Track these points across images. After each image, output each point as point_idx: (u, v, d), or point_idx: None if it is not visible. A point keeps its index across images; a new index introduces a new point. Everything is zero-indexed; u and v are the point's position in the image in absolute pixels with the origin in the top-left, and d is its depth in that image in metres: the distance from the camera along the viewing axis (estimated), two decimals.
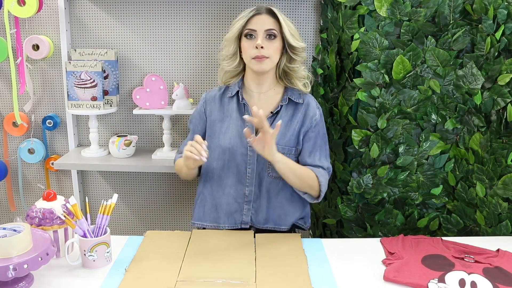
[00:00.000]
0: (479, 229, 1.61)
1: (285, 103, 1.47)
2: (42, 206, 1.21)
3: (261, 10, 1.41)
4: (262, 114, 1.28)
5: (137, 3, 2.04)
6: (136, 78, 2.13)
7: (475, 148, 1.61)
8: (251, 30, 1.39)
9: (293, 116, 1.47)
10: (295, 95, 1.48)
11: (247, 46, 1.40)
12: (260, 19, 1.40)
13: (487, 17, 1.52)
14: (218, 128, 1.48)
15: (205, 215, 1.53)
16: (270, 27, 1.39)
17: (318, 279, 1.15)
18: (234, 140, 1.45)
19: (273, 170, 1.44)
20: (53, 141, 2.22)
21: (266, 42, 1.39)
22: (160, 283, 1.10)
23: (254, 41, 1.39)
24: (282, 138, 1.45)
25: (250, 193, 1.47)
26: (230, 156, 1.45)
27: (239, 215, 1.49)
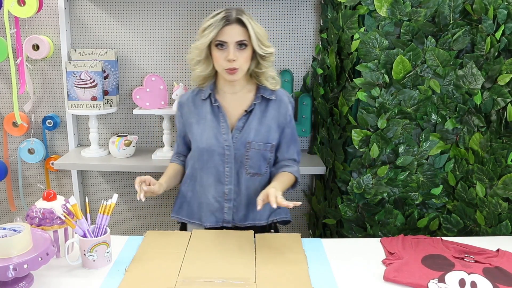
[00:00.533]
0: (479, 229, 1.61)
1: (258, 101, 1.50)
2: (42, 206, 1.21)
3: (231, 19, 1.38)
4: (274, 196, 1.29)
5: (137, 3, 2.04)
6: (136, 78, 2.13)
7: (475, 148, 1.61)
8: (222, 42, 1.40)
9: (267, 112, 1.51)
10: (267, 92, 1.52)
11: (218, 56, 1.41)
12: (231, 30, 1.38)
13: (487, 17, 1.52)
14: (195, 130, 1.51)
15: (188, 214, 1.57)
16: (241, 38, 1.39)
17: (318, 279, 1.15)
18: (211, 141, 1.48)
19: (251, 167, 1.50)
20: (53, 141, 2.22)
21: (237, 53, 1.40)
22: (160, 283, 1.10)
23: (225, 52, 1.40)
24: (257, 134, 1.48)
25: (229, 191, 1.51)
26: (208, 156, 1.49)
27: (220, 214, 1.53)
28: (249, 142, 1.47)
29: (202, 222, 1.54)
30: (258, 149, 1.49)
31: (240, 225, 1.54)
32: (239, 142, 1.47)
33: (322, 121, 2.04)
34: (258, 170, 1.52)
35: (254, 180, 1.52)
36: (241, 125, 1.49)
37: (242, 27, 1.39)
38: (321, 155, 2.07)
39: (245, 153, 1.48)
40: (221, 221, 1.53)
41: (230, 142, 1.47)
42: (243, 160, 1.49)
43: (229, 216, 1.52)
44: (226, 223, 1.53)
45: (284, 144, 1.55)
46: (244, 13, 1.40)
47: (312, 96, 2.08)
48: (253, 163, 1.50)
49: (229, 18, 1.38)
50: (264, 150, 1.50)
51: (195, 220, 1.56)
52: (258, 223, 1.55)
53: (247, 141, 1.47)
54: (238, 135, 1.48)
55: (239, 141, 1.47)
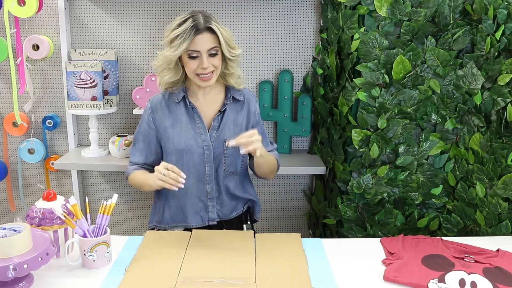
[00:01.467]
0: (479, 229, 1.61)
1: (230, 102, 1.53)
2: (42, 206, 1.21)
3: (200, 27, 1.37)
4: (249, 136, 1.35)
5: (137, 3, 2.04)
6: (136, 78, 2.13)
7: (475, 148, 1.61)
8: (194, 51, 1.39)
9: (238, 113, 1.55)
10: (236, 93, 1.55)
11: (191, 65, 1.41)
12: (202, 39, 1.38)
13: (487, 17, 1.52)
14: (171, 133, 1.51)
15: (172, 218, 1.57)
16: (212, 45, 1.40)
17: (318, 279, 1.15)
18: (189, 142, 1.49)
19: (229, 166, 1.54)
20: (53, 141, 2.22)
21: (210, 59, 1.41)
22: (160, 283, 1.10)
23: (197, 60, 1.40)
24: (233, 134, 1.50)
25: (211, 190, 1.53)
26: (188, 157, 1.50)
27: (205, 213, 1.55)
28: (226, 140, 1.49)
29: (187, 223, 1.55)
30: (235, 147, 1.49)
31: (225, 219, 1.57)
32: (217, 141, 1.50)
33: (322, 121, 2.04)
34: (235, 168, 1.56)
35: (231, 179, 1.57)
36: (217, 125, 1.52)
37: (211, 34, 1.39)
38: (321, 155, 2.07)
39: (223, 152, 1.51)
40: (206, 220, 1.55)
41: (209, 141, 1.50)
42: (221, 158, 1.52)
43: (213, 214, 1.55)
44: (211, 221, 1.55)
45: None
46: (211, 19, 1.40)
47: (312, 96, 2.08)
48: (230, 162, 1.53)
49: (199, 27, 1.37)
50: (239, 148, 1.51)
51: (179, 223, 1.56)
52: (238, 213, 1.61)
53: (224, 140, 1.50)
54: (215, 134, 1.51)
55: (217, 140, 1.50)
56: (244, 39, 2.09)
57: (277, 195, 2.30)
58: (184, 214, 1.55)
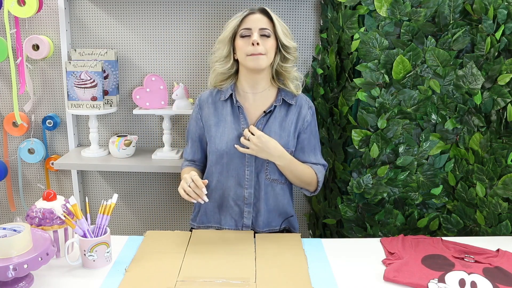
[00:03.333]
0: (479, 229, 1.61)
1: (279, 104, 1.48)
2: (42, 206, 1.21)
3: (255, 9, 1.43)
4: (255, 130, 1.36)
5: (137, 3, 2.04)
6: (136, 78, 2.13)
7: (475, 148, 1.61)
8: (246, 30, 1.40)
9: (287, 117, 1.48)
10: (289, 96, 1.49)
11: (242, 44, 1.41)
12: (254, 18, 1.41)
13: (487, 17, 1.52)
14: (214, 132, 1.47)
15: (209, 217, 1.54)
16: (264, 26, 1.40)
17: (318, 279, 1.15)
18: (231, 144, 1.44)
19: (271, 172, 1.47)
20: (53, 141, 2.22)
21: (262, 40, 1.40)
22: (160, 283, 1.10)
23: (249, 39, 1.40)
24: (279, 139, 1.45)
25: (249, 195, 1.48)
26: (228, 159, 1.45)
27: (240, 218, 1.50)
28: None
29: (221, 225, 1.51)
30: None
31: (258, 230, 1.50)
32: None
33: (322, 121, 2.04)
34: (278, 176, 1.49)
35: (274, 187, 1.49)
36: (261, 127, 1.45)
37: (265, 17, 1.41)
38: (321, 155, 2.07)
39: None
40: (240, 225, 1.50)
41: None
42: (263, 163, 1.46)
43: (248, 220, 1.49)
44: (245, 227, 1.50)
45: (300, 150, 1.51)
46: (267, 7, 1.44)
47: (312, 96, 2.08)
48: (272, 168, 1.46)
49: (253, 9, 1.42)
50: None
51: (213, 224, 1.53)
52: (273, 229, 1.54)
53: None
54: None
55: None
56: None
57: None
58: (220, 216, 1.51)
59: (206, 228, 1.54)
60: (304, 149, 1.52)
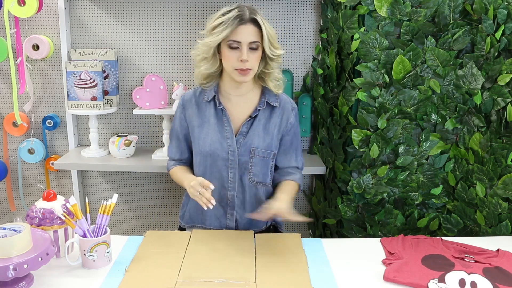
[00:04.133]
0: (479, 229, 1.61)
1: (263, 107, 1.46)
2: (42, 206, 1.21)
3: (245, 18, 1.32)
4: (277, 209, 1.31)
5: (137, 3, 2.04)
6: (136, 78, 2.13)
7: (475, 148, 1.61)
8: (235, 42, 1.33)
9: (270, 119, 1.47)
10: (272, 98, 1.47)
11: (230, 56, 1.35)
12: (245, 29, 1.33)
13: (487, 17, 1.52)
14: (197, 133, 1.46)
15: (193, 217, 1.55)
16: (254, 39, 1.34)
17: (318, 279, 1.15)
18: (214, 146, 1.44)
19: (255, 175, 1.47)
20: (53, 141, 2.22)
21: (250, 54, 1.35)
22: (160, 283, 1.10)
23: (237, 52, 1.34)
24: (262, 142, 1.45)
25: (232, 197, 1.48)
26: (211, 161, 1.45)
27: (224, 219, 1.51)
28: (254, 148, 1.44)
29: (205, 226, 1.52)
30: (262, 156, 1.46)
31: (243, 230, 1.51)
32: (243, 148, 1.44)
33: (322, 121, 2.04)
34: (263, 179, 1.49)
35: (258, 189, 1.49)
36: (245, 130, 1.45)
37: (255, 27, 1.34)
38: (321, 155, 2.07)
39: (249, 160, 1.45)
40: (224, 226, 1.51)
41: (235, 147, 1.43)
42: (247, 166, 1.45)
43: (231, 222, 1.50)
44: (229, 228, 1.51)
45: (283, 151, 1.52)
46: (257, 13, 1.36)
47: (312, 96, 2.08)
48: (256, 171, 1.47)
49: (243, 17, 1.32)
50: (267, 158, 1.47)
51: (197, 224, 1.54)
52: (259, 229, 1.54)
53: (252, 147, 1.44)
54: (242, 140, 1.44)
55: (243, 146, 1.44)
56: None
57: None
58: (204, 216, 1.51)
59: (191, 227, 1.55)
60: (287, 151, 1.52)
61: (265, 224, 1.55)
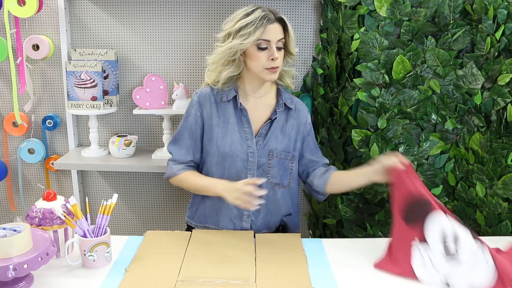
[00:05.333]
0: (479, 229, 1.61)
1: (282, 109, 1.47)
2: (42, 206, 1.21)
3: (272, 17, 1.35)
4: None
5: (137, 3, 2.04)
6: (136, 78, 2.13)
7: (475, 148, 1.61)
8: (265, 41, 1.35)
9: (287, 122, 1.49)
10: (288, 100, 1.49)
11: (260, 56, 1.36)
12: (274, 29, 1.36)
13: (487, 17, 1.52)
14: (216, 133, 1.44)
15: (206, 218, 1.53)
16: (282, 37, 1.38)
17: (318, 279, 1.15)
18: (234, 146, 1.43)
19: (273, 177, 1.46)
20: (53, 141, 2.22)
21: (278, 53, 1.38)
22: (160, 283, 1.10)
23: (266, 52, 1.36)
24: (280, 143, 1.46)
25: None
26: (230, 162, 1.44)
27: (239, 221, 1.48)
28: (272, 150, 1.44)
29: (219, 227, 1.50)
30: (280, 158, 1.46)
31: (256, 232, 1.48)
32: (262, 150, 1.44)
33: (322, 121, 2.04)
34: (280, 180, 1.48)
35: (275, 191, 1.49)
36: (264, 132, 1.45)
37: (280, 25, 1.38)
38: None
39: (268, 161, 1.44)
40: (239, 228, 1.49)
41: (254, 148, 1.43)
42: (265, 168, 1.45)
43: (247, 224, 1.48)
44: (244, 230, 1.48)
45: (310, 152, 1.54)
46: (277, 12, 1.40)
47: (312, 96, 2.08)
48: (275, 172, 1.46)
49: (270, 17, 1.35)
50: (285, 159, 1.47)
51: (210, 225, 1.52)
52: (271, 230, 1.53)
53: (270, 149, 1.44)
54: (261, 142, 1.44)
55: (262, 148, 1.44)
56: None
57: None
58: (218, 217, 1.49)
59: (203, 228, 1.53)
60: (313, 150, 1.55)
61: (277, 224, 1.54)
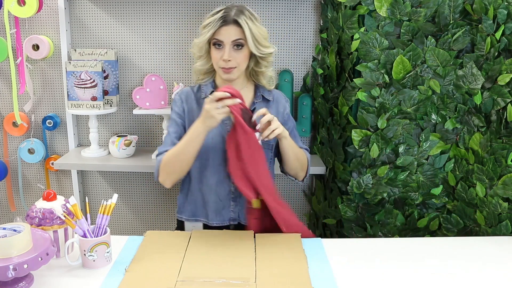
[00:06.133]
0: (479, 229, 1.61)
1: (259, 100, 1.51)
2: (42, 206, 1.21)
3: (228, 19, 1.39)
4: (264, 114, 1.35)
5: (137, 3, 2.04)
6: (136, 78, 2.13)
7: (475, 148, 1.61)
8: (218, 41, 1.41)
9: None
10: (266, 92, 1.53)
11: (215, 55, 1.43)
12: (227, 30, 1.38)
13: (487, 17, 1.52)
14: None
15: (194, 212, 1.55)
16: (237, 37, 1.39)
17: (318, 279, 1.15)
18: (216, 139, 1.46)
19: None
20: (53, 141, 2.22)
21: (234, 53, 1.40)
22: (160, 283, 1.10)
23: (221, 51, 1.41)
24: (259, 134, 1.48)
25: (236, 190, 1.49)
26: (213, 154, 1.47)
27: (227, 212, 1.51)
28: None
29: (208, 221, 1.53)
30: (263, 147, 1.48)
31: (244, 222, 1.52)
32: None
33: (322, 121, 2.04)
34: None
35: None
36: None
37: (239, 27, 1.39)
38: (321, 155, 2.07)
39: None
40: (227, 220, 1.51)
41: None
42: None
43: (235, 214, 1.51)
44: (232, 221, 1.52)
45: None
46: (243, 13, 1.40)
47: (312, 96, 2.08)
48: None
49: (227, 19, 1.39)
50: (266, 149, 1.50)
51: (201, 218, 1.54)
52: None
53: None
54: None
55: None
56: None
57: None
58: (206, 210, 1.52)
59: (194, 221, 1.55)
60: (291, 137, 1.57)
61: None
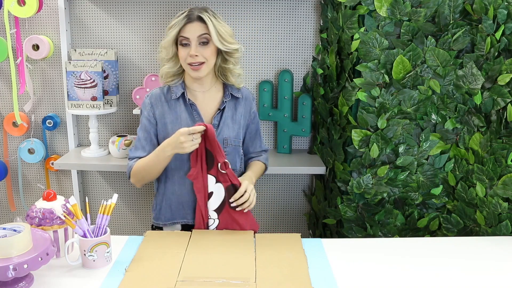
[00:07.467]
0: (479, 229, 1.61)
1: (229, 99, 1.55)
2: (42, 206, 1.21)
3: (192, 17, 1.44)
4: None
5: (137, 3, 2.04)
6: (136, 78, 2.13)
7: (475, 148, 1.61)
8: (184, 38, 1.44)
9: (236, 110, 1.57)
10: (234, 90, 1.57)
11: (181, 52, 1.46)
12: (192, 27, 1.43)
13: (487, 17, 1.52)
14: (170, 129, 1.50)
15: (174, 214, 1.55)
16: (202, 32, 1.44)
17: (318, 279, 1.15)
18: None
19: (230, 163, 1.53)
20: (53, 141, 2.22)
21: (200, 49, 1.44)
22: (160, 283, 1.10)
23: (188, 48, 1.44)
24: (232, 131, 1.54)
25: None
26: (186, 155, 1.48)
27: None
28: (226, 138, 1.52)
29: (188, 220, 1.54)
30: (234, 145, 1.55)
31: None
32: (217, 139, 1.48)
33: (322, 121, 2.04)
34: (234, 166, 1.56)
35: None
36: (217, 123, 1.53)
37: (203, 24, 1.44)
38: (321, 155, 2.07)
39: (224, 150, 1.51)
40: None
41: None
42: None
43: None
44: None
45: (249, 139, 1.63)
46: (206, 11, 1.45)
47: (312, 96, 2.08)
48: (230, 159, 1.52)
49: (191, 17, 1.44)
50: (238, 146, 1.57)
51: (179, 220, 1.55)
52: None
53: (224, 138, 1.52)
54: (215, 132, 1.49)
55: (217, 138, 1.47)
56: (244, 39, 2.09)
57: (277, 195, 2.30)
58: (185, 210, 1.54)
59: (172, 225, 1.56)
60: (253, 139, 1.65)
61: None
